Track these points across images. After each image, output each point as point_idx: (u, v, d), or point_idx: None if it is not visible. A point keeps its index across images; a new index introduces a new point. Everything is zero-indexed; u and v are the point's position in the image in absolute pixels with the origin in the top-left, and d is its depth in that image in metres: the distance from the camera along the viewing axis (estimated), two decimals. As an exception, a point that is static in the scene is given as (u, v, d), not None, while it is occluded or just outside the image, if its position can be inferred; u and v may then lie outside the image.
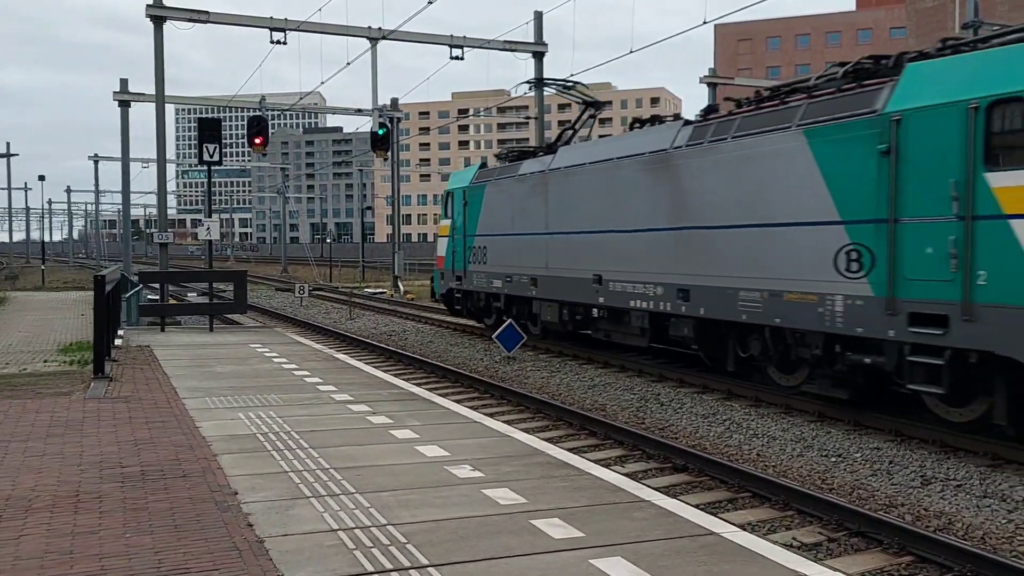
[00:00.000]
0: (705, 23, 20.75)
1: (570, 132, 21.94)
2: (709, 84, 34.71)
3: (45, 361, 15.57)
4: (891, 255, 11.23)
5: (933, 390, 10.88)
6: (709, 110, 16.24)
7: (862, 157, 11.72)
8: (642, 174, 16.52)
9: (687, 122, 16.06)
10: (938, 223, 10.66)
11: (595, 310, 18.60)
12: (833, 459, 10.75)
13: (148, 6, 24.48)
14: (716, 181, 14.53)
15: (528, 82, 23.13)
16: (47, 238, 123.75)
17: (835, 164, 12.17)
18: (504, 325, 19.34)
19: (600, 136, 16.87)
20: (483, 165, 24.86)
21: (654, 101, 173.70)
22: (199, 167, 24.30)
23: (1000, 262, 9.92)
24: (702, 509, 7.50)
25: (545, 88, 22.88)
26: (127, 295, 22.90)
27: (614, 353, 18.42)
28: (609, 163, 17.63)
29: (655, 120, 18.10)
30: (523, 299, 21.61)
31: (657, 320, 16.55)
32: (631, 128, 18.50)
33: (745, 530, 6.53)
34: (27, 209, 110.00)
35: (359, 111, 38.14)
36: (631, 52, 24.00)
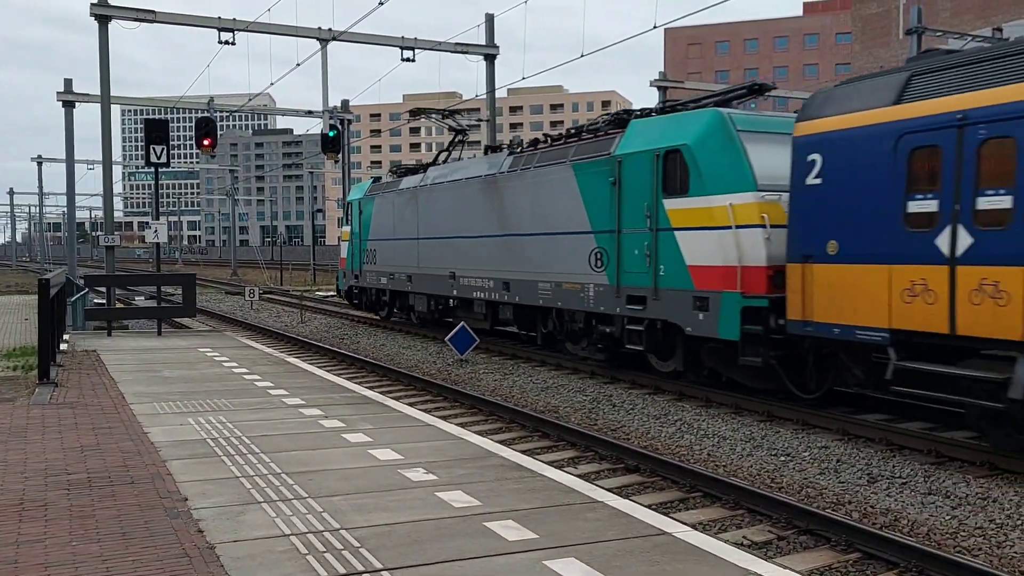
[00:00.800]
0: (656, 27, 20.89)
1: (445, 154, 25.54)
2: (659, 87, 34.98)
3: (-12, 367, 15.26)
4: (618, 255, 15.70)
5: (638, 348, 15.46)
6: (533, 142, 20.04)
7: (603, 186, 16.12)
8: (480, 192, 20.81)
9: (511, 152, 20.31)
10: (640, 233, 15.10)
11: (451, 300, 22.92)
12: (782, 458, 10.89)
13: (92, 5, 24.09)
14: (524, 200, 18.93)
15: (412, 112, 25.80)
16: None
17: (589, 190, 16.61)
18: (457, 328, 19.33)
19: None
20: (376, 180, 28.80)
21: (605, 104, 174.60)
22: (146, 169, 23.99)
23: (670, 260, 14.39)
24: (654, 509, 7.55)
25: (425, 115, 26.05)
26: (73, 299, 22.53)
27: (565, 356, 18.50)
28: (459, 182, 21.90)
29: (493, 149, 22.53)
30: (403, 293, 25.90)
31: (492, 307, 20.85)
32: (485, 154, 22.46)
33: (697, 529, 6.59)
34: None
35: (309, 113, 37.84)
36: (582, 56, 24.10)
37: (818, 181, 11.94)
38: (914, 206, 10.63)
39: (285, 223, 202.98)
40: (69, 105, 32.87)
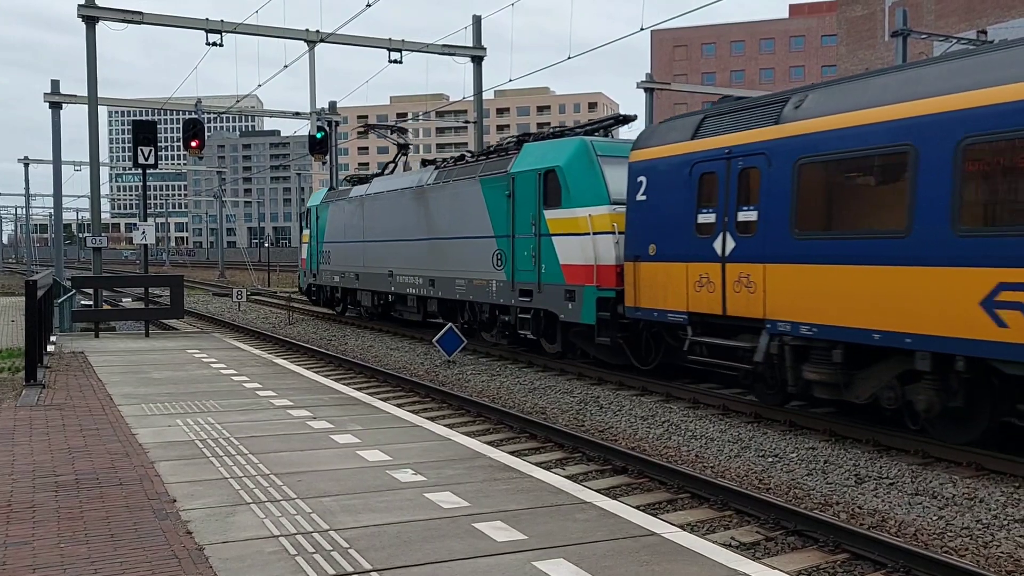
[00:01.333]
0: (642, 29, 20.92)
1: (392, 165, 29.16)
2: (646, 89, 35.05)
3: (-26, 369, 15.19)
4: (512, 256, 18.76)
5: (528, 333, 18.59)
6: (457, 158, 23.43)
7: (501, 198, 19.18)
8: (412, 201, 23.68)
9: (436, 167, 23.36)
10: (528, 238, 18.18)
11: (390, 296, 25.99)
12: (770, 459, 10.93)
13: (80, 6, 23.99)
14: (444, 208, 21.84)
15: (361, 128, 28.40)
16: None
17: (491, 201, 19.63)
18: (444, 329, 19.33)
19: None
20: (331, 188, 32.06)
21: (592, 106, 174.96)
22: (134, 170, 23.91)
23: (549, 260, 17.45)
24: (643, 510, 7.57)
25: (373, 132, 30.89)
26: (60, 300, 22.43)
27: (551, 358, 18.53)
28: (396, 192, 24.78)
29: (426, 163, 24.94)
30: (352, 290, 28.83)
31: (423, 301, 23.83)
32: (422, 166, 24.78)
33: (685, 530, 6.61)
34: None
35: (297, 114, 37.73)
36: (569, 58, 24.15)
37: (644, 198, 15.13)
38: (702, 218, 13.82)
39: (273, 224, 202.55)
40: (56, 106, 32.68)
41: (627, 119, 18.61)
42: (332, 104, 38.73)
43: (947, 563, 7.04)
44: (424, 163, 25.01)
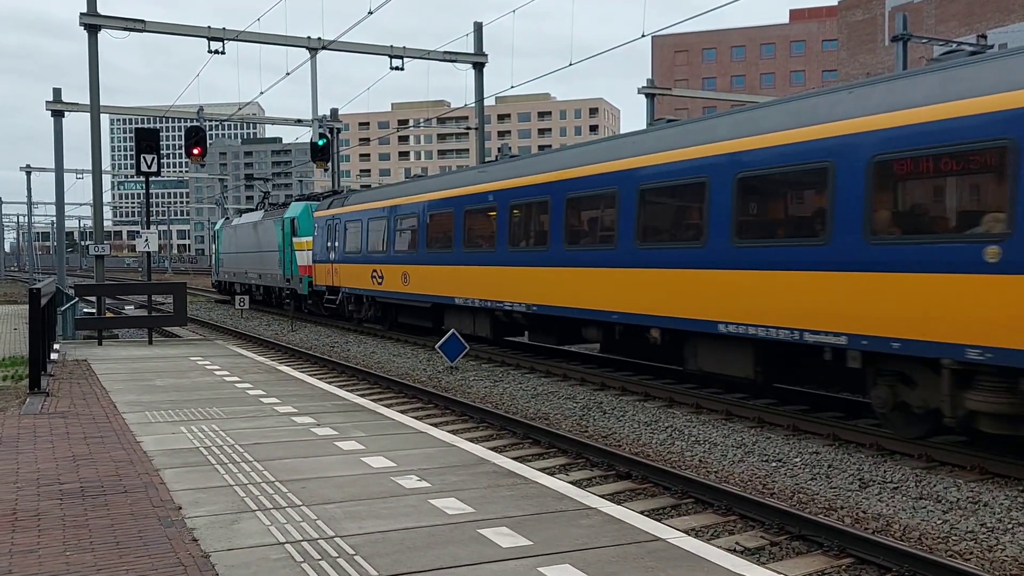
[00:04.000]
0: (644, 36, 20.92)
1: (265, 202, 44.36)
2: (647, 95, 35.10)
3: (-23, 377, 15.20)
4: (284, 261, 34.74)
5: (289, 302, 34.90)
6: (281, 204, 41.17)
7: (280, 231, 35.44)
8: (253, 230, 40.34)
9: (264, 210, 39.78)
10: (289, 252, 34.32)
11: (247, 284, 41.59)
12: (773, 464, 10.93)
13: (82, 14, 24.04)
14: (262, 235, 38.67)
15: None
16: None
17: (280, 232, 35.70)
18: (447, 336, 19.33)
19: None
20: (227, 219, 49.87)
21: (593, 112, 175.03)
22: (136, 178, 23.96)
23: (294, 263, 33.41)
24: (647, 515, 7.58)
25: (256, 183, 54.89)
26: (63, 308, 22.45)
27: (556, 362, 18.53)
28: (247, 224, 41.57)
29: (275, 205, 42.10)
30: (231, 283, 45.14)
31: (260, 288, 40.24)
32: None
33: (690, 535, 6.61)
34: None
35: (299, 122, 37.80)
36: (571, 64, 24.18)
37: (318, 233, 31.65)
38: (330, 244, 30.64)
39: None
40: (58, 115, 32.70)
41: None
42: (334, 111, 38.80)
43: (952, 567, 7.03)
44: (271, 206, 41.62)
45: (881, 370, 11.30)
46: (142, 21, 24.85)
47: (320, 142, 29.62)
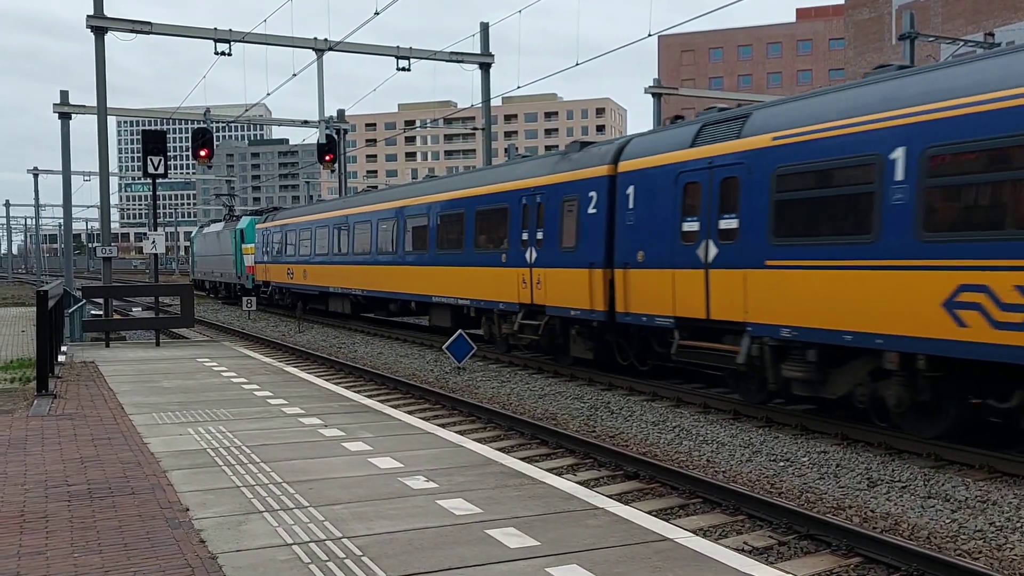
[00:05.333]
0: (650, 35, 20.91)
1: (229, 216, 54.25)
2: (654, 94, 35.08)
3: (-14, 379, 15.24)
4: (236, 263, 44.97)
5: (242, 296, 39.08)
6: (228, 218, 52.94)
7: (235, 238, 44.87)
8: (217, 238, 49.24)
9: (224, 222, 50.35)
10: (240, 255, 43.78)
11: (214, 283, 52.76)
12: (781, 463, 10.90)
13: (89, 16, 24.09)
14: (223, 242, 48.41)
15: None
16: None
17: (234, 239, 44.87)
18: (454, 336, 19.33)
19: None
20: (202, 227, 58.19)
21: (600, 112, 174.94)
22: (143, 180, 24.02)
23: (243, 264, 44.17)
24: (655, 515, 7.57)
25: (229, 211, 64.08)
26: (70, 310, 22.50)
27: (559, 365, 18.52)
28: (212, 232, 51.16)
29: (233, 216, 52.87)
30: (202, 281, 54.68)
31: (221, 284, 50.18)
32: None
33: (698, 535, 6.59)
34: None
35: (305, 123, 37.87)
36: (577, 64, 24.18)
37: (263, 239, 41.29)
38: (288, 251, 38.09)
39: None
40: (65, 117, 32.79)
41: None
42: (340, 112, 38.88)
43: (961, 566, 7.01)
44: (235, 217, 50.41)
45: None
46: (149, 23, 24.89)
47: (326, 143, 29.66)
